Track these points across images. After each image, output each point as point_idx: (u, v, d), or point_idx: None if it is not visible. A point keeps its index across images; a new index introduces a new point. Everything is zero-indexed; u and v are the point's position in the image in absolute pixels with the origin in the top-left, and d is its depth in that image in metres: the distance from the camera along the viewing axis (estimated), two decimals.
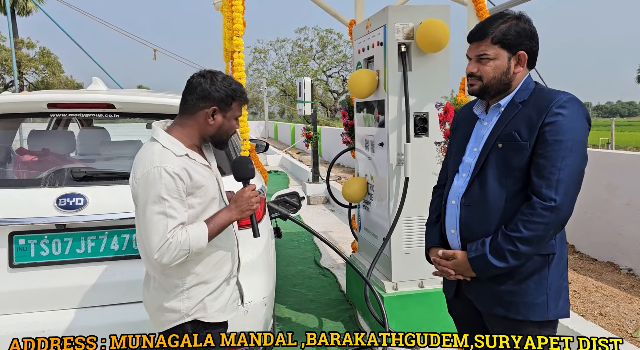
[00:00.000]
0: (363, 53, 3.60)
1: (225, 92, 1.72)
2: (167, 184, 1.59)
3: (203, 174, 1.71)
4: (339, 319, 3.65)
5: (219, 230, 1.71)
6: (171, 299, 1.71)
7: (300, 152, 16.93)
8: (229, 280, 1.87)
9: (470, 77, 1.68)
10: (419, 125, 3.20)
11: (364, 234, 3.85)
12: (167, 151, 1.65)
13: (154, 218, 1.58)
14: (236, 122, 1.81)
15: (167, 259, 1.58)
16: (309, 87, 8.23)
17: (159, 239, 1.57)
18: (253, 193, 1.79)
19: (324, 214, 7.50)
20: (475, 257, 1.65)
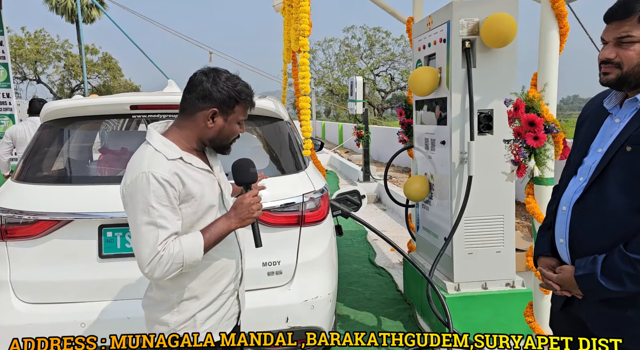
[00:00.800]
0: (424, 50, 3.57)
1: (227, 94, 1.57)
2: (156, 191, 1.44)
3: (199, 179, 1.57)
4: (398, 318, 3.63)
5: (217, 241, 1.56)
6: (162, 312, 1.60)
7: (349, 151, 16.93)
8: (227, 295, 1.70)
9: (606, 64, 1.43)
10: (483, 122, 3.13)
11: (422, 234, 3.81)
12: (158, 155, 1.51)
13: (143, 229, 1.44)
14: (240, 126, 1.64)
15: (159, 273, 1.45)
16: (360, 86, 8.22)
17: (149, 252, 1.43)
18: (254, 199, 1.62)
19: (375, 213, 7.47)
20: (584, 276, 1.45)
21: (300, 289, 2.38)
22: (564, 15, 2.25)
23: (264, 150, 2.57)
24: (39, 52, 32.81)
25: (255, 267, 2.33)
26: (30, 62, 33.04)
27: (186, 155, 1.56)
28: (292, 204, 2.38)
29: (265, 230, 2.35)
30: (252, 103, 1.66)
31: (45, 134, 2.39)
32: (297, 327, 2.34)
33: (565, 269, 1.53)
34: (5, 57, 8.48)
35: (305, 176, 2.51)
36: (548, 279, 1.59)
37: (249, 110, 1.66)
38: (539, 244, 1.71)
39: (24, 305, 2.13)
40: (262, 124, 2.59)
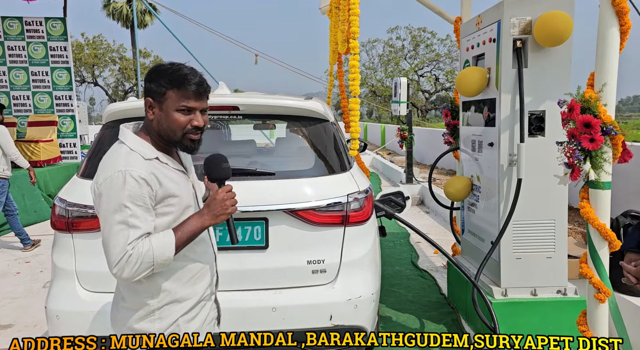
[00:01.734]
0: (472, 50, 3.50)
1: (157, 81, 1.50)
2: (132, 190, 1.41)
3: (176, 180, 1.54)
4: (441, 321, 3.58)
5: (189, 239, 1.50)
6: (141, 320, 1.53)
7: (391, 153, 16.78)
8: (207, 298, 1.66)
9: None
10: (534, 124, 3.04)
11: (468, 237, 3.74)
12: (134, 154, 1.48)
13: (114, 228, 1.40)
14: (181, 114, 1.51)
15: (128, 273, 1.39)
16: (404, 87, 8.14)
17: (119, 252, 1.39)
18: (228, 195, 1.55)
19: (418, 215, 7.38)
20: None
21: (344, 288, 2.40)
22: (626, 13, 2.15)
23: (310, 150, 2.61)
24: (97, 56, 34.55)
25: (299, 265, 2.38)
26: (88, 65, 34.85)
27: (162, 156, 1.54)
28: (337, 204, 2.40)
29: (310, 228, 2.39)
30: (190, 87, 1.50)
31: (107, 133, 2.53)
32: (341, 325, 2.36)
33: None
34: (68, 61, 9.00)
35: (350, 176, 2.53)
36: (627, 272, 1.60)
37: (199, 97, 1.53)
38: (627, 240, 1.73)
39: (87, 293, 2.27)
40: (309, 124, 2.63)
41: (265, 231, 2.36)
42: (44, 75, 8.81)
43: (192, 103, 1.52)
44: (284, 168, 2.68)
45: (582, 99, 2.33)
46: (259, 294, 2.34)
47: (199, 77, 1.54)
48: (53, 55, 8.83)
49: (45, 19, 8.79)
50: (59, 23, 8.88)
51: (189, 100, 1.51)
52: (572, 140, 2.36)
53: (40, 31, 8.74)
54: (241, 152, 2.92)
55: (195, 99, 1.53)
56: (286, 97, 2.70)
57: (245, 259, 2.35)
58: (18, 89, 8.84)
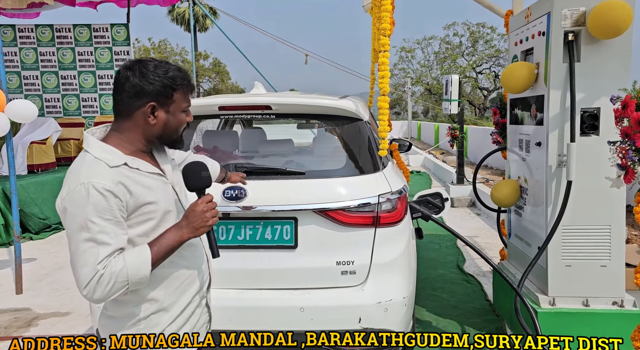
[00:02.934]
0: (520, 45, 3.32)
1: (161, 83, 1.41)
2: (97, 203, 1.29)
3: (149, 185, 1.42)
4: (484, 329, 3.43)
5: (167, 254, 1.39)
6: (127, 330, 1.45)
7: (444, 153, 16.33)
8: (195, 304, 1.57)
9: None
10: (587, 122, 2.83)
11: (514, 241, 3.55)
12: (98, 163, 1.36)
13: (81, 247, 1.29)
14: (185, 114, 1.49)
15: (100, 295, 1.29)
16: (456, 85, 7.87)
17: (88, 272, 1.28)
18: (208, 206, 1.43)
19: (468, 217, 7.12)
20: None
21: (374, 291, 2.35)
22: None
23: (342, 150, 2.58)
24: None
25: (328, 266, 2.35)
26: None
27: (131, 160, 1.42)
28: (367, 205, 2.36)
29: (339, 229, 2.36)
30: (191, 86, 1.50)
31: None
32: (370, 328, 2.32)
33: None
34: None
35: (382, 177, 2.47)
36: None
37: (191, 95, 1.52)
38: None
39: None
40: (342, 124, 2.60)
41: (295, 231, 2.36)
42: (109, 78, 9.38)
43: (189, 101, 1.52)
44: (315, 167, 2.67)
45: (638, 95, 2.13)
46: (288, 293, 2.34)
47: (187, 73, 1.50)
48: (117, 59, 9.38)
49: (110, 25, 9.36)
50: (122, 29, 9.42)
51: (189, 99, 1.51)
52: (625, 139, 2.17)
53: (106, 37, 9.33)
54: (278, 151, 2.94)
55: (190, 97, 1.52)
56: (320, 96, 2.69)
57: (275, 258, 2.36)
58: (87, 91, 9.48)
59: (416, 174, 11.84)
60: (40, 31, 9.25)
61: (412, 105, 33.18)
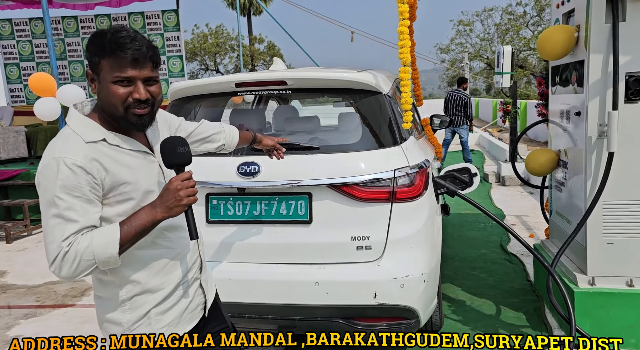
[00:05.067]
0: (562, 7, 3.07)
1: (90, 51, 1.32)
2: (65, 179, 1.25)
3: (129, 163, 1.37)
4: (521, 309, 3.29)
5: (138, 234, 1.31)
6: (112, 310, 1.42)
7: (502, 130, 15.56)
8: (185, 286, 1.52)
9: None
10: (632, 88, 2.58)
11: (555, 219, 3.35)
12: (74, 137, 1.31)
13: (49, 222, 1.26)
14: (119, 86, 1.31)
15: (66, 272, 1.25)
16: (508, 57, 7.43)
17: (54, 248, 1.25)
18: (183, 184, 1.33)
19: (520, 196, 6.79)
20: None
21: (390, 266, 2.31)
22: None
23: (359, 124, 2.53)
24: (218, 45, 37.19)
25: (343, 241, 2.35)
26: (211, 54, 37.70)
27: (111, 136, 1.35)
28: (383, 179, 2.31)
29: (354, 204, 2.34)
30: (125, 54, 1.30)
31: (172, 111, 2.72)
32: (386, 304, 2.29)
33: None
34: (180, 50, 9.85)
35: (400, 151, 2.40)
36: None
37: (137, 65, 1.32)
38: None
39: None
40: (360, 98, 2.55)
41: (309, 206, 2.37)
42: (163, 64, 9.77)
43: (129, 72, 1.31)
44: (333, 142, 2.64)
45: None
46: (303, 268, 2.37)
47: (138, 42, 1.32)
48: (168, 44, 9.73)
49: (162, 11, 9.70)
50: (173, 15, 9.73)
51: (125, 69, 1.31)
52: None
53: (158, 23, 9.69)
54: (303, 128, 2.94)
55: (133, 67, 1.31)
56: (337, 70, 2.65)
57: (290, 233, 2.39)
58: None
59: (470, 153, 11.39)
60: (99, 21, 9.79)
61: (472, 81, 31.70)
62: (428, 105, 12.19)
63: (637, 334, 2.69)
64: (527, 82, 29.53)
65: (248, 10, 37.53)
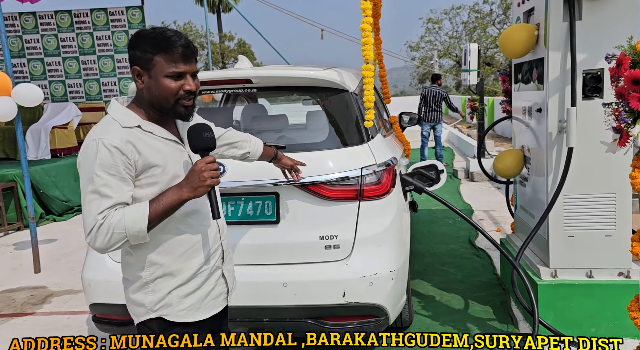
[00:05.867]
0: (522, 5, 3.14)
1: (141, 48, 1.44)
2: (103, 158, 1.38)
3: (160, 149, 1.49)
4: (489, 303, 3.35)
5: (166, 212, 1.43)
6: (136, 291, 1.54)
7: (471, 126, 15.88)
8: (207, 273, 1.60)
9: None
10: (589, 85, 2.66)
11: (520, 213, 3.43)
12: (113, 122, 1.46)
13: (87, 197, 1.40)
14: (172, 80, 1.45)
15: (100, 244, 1.38)
16: (475, 54, 7.59)
17: (90, 221, 1.38)
18: (207, 166, 1.44)
19: (488, 191, 6.93)
20: None
21: (358, 265, 2.31)
22: None
23: (325, 122, 2.52)
24: None
25: (311, 240, 2.33)
26: None
27: (146, 124, 1.49)
28: (350, 178, 2.31)
29: (322, 203, 2.33)
30: (184, 52, 1.44)
31: None
32: (355, 303, 2.29)
33: None
34: None
35: (368, 149, 2.41)
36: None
37: (187, 60, 1.46)
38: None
39: (114, 263, 2.43)
40: (325, 95, 2.54)
41: (276, 206, 2.34)
42: (127, 61, 9.51)
43: (181, 67, 1.45)
44: (300, 141, 2.63)
45: (633, 52, 1.97)
46: (271, 268, 2.34)
47: (185, 39, 1.46)
48: None
49: (126, 8, 9.43)
50: (137, 11, 9.47)
51: (178, 64, 1.45)
52: (620, 100, 2.02)
53: (122, 20, 9.41)
54: (271, 126, 2.91)
55: (184, 62, 1.46)
56: (304, 68, 2.62)
57: (257, 233, 2.36)
58: (106, 75, 9.65)
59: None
60: (60, 17, 9.44)
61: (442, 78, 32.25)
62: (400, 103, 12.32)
63: (596, 324, 2.78)
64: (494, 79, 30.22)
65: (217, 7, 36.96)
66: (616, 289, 2.74)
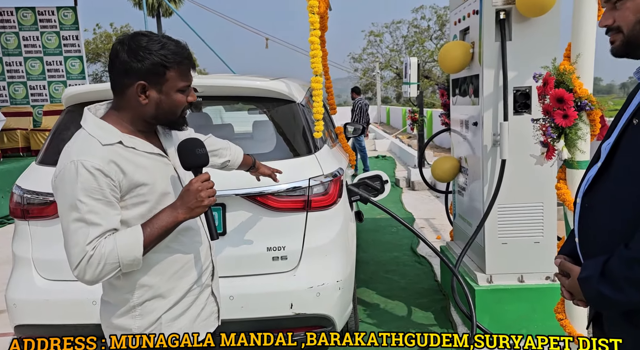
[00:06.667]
0: (459, 24, 3.32)
1: (151, 61, 1.31)
2: (85, 182, 1.25)
3: (146, 165, 1.37)
4: (430, 309, 3.47)
5: (161, 235, 1.34)
6: (121, 315, 1.41)
7: (412, 137, 16.47)
8: (198, 291, 1.51)
9: (608, 32, 1.22)
10: (519, 101, 2.86)
11: (458, 221, 3.60)
12: (90, 140, 1.31)
13: (71, 226, 1.26)
14: (182, 93, 1.38)
15: (90, 276, 1.26)
16: (414, 68, 7.89)
17: (78, 252, 1.25)
18: (204, 185, 1.36)
19: (427, 200, 7.21)
20: (585, 280, 1.21)
21: (306, 276, 2.32)
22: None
23: (272, 132, 2.52)
24: None
25: (259, 252, 2.32)
26: None
27: (128, 139, 1.35)
28: (298, 188, 2.32)
29: (269, 214, 2.32)
30: (189, 64, 1.38)
31: (67, 118, 2.51)
32: (302, 313, 2.30)
33: (574, 271, 1.26)
34: (80, 50, 9.15)
35: (315, 160, 2.43)
36: (562, 285, 1.33)
37: (192, 73, 1.42)
38: (563, 246, 1.48)
39: (43, 281, 2.28)
40: (272, 106, 2.54)
41: (223, 217, 2.31)
42: (58, 64, 9.00)
43: (190, 79, 1.39)
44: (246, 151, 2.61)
45: (556, 72, 2.15)
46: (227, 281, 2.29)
47: (187, 50, 1.39)
48: (66, 44, 9.00)
49: (57, 8, 8.94)
50: (70, 12, 9.02)
51: (188, 77, 1.39)
52: (546, 116, 2.19)
53: (52, 21, 8.91)
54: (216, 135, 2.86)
55: (191, 74, 1.41)
56: (251, 77, 2.62)
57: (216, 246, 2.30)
58: (34, 78, 9.07)
59: (382, 159, 11.91)
60: None
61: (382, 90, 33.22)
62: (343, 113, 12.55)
63: (526, 325, 2.95)
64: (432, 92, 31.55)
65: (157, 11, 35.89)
66: (544, 292, 2.93)
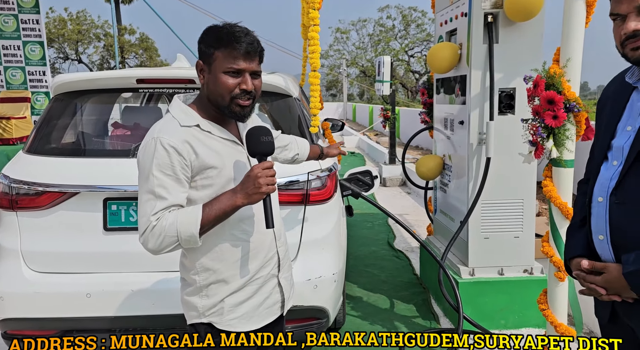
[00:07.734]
0: (445, 26, 3.41)
1: (204, 42, 1.42)
2: (160, 158, 1.35)
3: (219, 150, 1.44)
4: (411, 302, 3.58)
5: (219, 217, 1.38)
6: (192, 294, 1.52)
7: (378, 134, 16.71)
8: (262, 281, 1.57)
9: (634, 37, 1.26)
10: (504, 102, 2.98)
11: (439, 217, 3.71)
12: (172, 121, 1.42)
13: (143, 197, 1.38)
14: (229, 76, 1.39)
15: (152, 245, 1.36)
16: (388, 66, 8.02)
17: (144, 222, 1.36)
18: (264, 172, 1.39)
19: (399, 196, 7.36)
20: (634, 272, 1.26)
21: (304, 268, 2.35)
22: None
23: (271, 126, 2.52)
24: (80, 32, 33.52)
25: None
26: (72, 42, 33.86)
27: (206, 123, 1.44)
28: (297, 182, 2.34)
29: None
30: (239, 46, 1.38)
31: (56, 106, 2.42)
32: (300, 306, 2.32)
33: (611, 268, 1.32)
34: (41, 35, 8.71)
35: None
36: (591, 283, 1.36)
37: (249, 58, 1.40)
38: (570, 246, 1.51)
39: (33, 273, 2.20)
40: (270, 100, 2.54)
41: None
42: (16, 49, 8.53)
43: (241, 64, 1.40)
44: None
45: (546, 75, 2.26)
46: None
47: (250, 36, 1.41)
48: (25, 28, 8.54)
49: None
50: None
51: (238, 61, 1.39)
52: (536, 117, 2.30)
53: (10, 3, 8.43)
54: None
55: (245, 59, 1.40)
56: None
57: None
58: None
59: (350, 155, 12.01)
60: None
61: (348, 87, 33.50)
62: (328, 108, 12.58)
63: (505, 316, 3.10)
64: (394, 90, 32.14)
65: None
66: (522, 284, 3.09)
